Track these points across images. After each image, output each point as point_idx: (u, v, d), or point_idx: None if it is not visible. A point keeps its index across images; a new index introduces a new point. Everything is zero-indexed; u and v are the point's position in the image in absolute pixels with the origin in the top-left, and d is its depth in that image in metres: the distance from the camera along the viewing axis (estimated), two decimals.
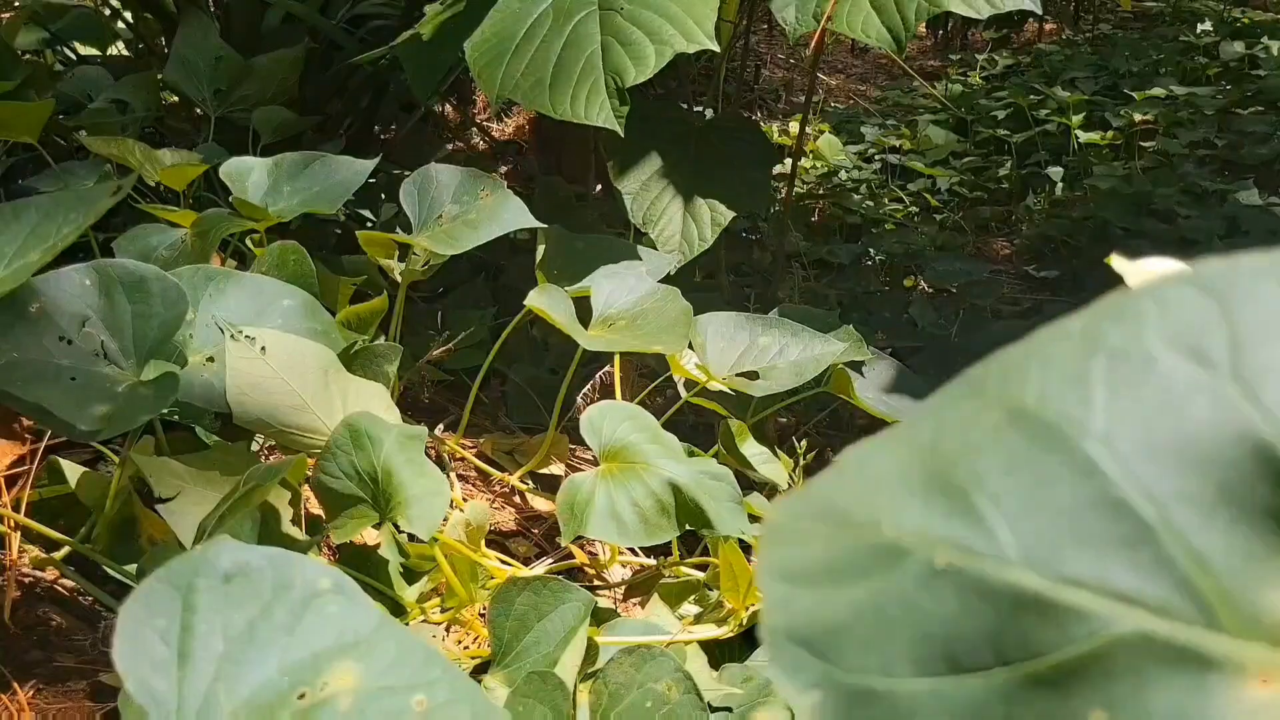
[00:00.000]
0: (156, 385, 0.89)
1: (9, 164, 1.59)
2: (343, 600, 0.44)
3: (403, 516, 0.92)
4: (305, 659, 0.43)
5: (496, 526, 1.23)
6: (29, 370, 0.87)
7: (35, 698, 0.89)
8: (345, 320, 1.21)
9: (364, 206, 1.75)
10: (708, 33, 1.25)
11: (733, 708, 0.90)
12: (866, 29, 1.35)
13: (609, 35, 1.26)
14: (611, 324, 1.21)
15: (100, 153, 1.40)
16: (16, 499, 1.00)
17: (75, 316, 0.91)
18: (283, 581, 0.44)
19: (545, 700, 0.80)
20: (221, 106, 1.65)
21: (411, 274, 1.29)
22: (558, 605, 0.89)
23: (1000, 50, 4.05)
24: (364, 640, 0.43)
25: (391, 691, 0.42)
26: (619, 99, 1.22)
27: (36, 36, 1.87)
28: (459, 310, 1.60)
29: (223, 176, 1.28)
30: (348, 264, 1.43)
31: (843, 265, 2.24)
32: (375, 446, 0.94)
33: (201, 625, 0.43)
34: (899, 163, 2.89)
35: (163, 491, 0.92)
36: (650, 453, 1.02)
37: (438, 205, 1.27)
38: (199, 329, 1.01)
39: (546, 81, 1.25)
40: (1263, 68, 3.13)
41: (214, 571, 0.45)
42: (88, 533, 0.99)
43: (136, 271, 0.94)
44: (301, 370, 1.00)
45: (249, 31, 1.81)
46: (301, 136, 1.71)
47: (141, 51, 2.03)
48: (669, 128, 1.61)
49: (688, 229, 1.50)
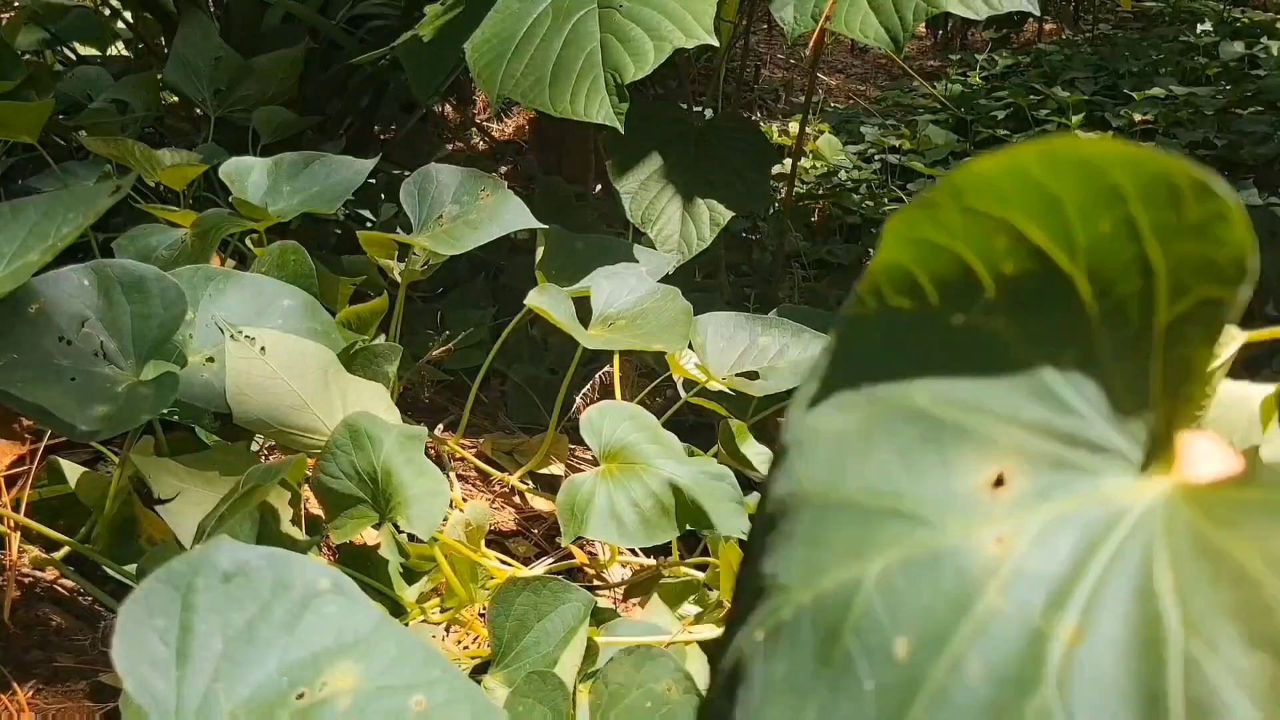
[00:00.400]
0: (156, 385, 0.89)
1: (9, 164, 1.59)
2: (342, 600, 0.44)
3: (402, 516, 0.92)
4: (304, 659, 0.43)
5: (496, 526, 1.23)
6: (29, 370, 0.87)
7: (35, 698, 0.89)
8: (345, 320, 1.21)
9: (364, 206, 1.75)
10: (707, 28, 1.25)
11: None
12: (865, 29, 1.35)
13: (608, 33, 1.26)
14: (611, 323, 1.21)
15: (100, 153, 1.40)
16: (16, 499, 1.00)
17: (75, 317, 0.91)
18: (282, 581, 0.44)
19: (545, 700, 0.80)
20: (221, 106, 1.65)
21: (411, 274, 1.29)
22: (557, 605, 0.89)
23: (1000, 50, 4.05)
24: (363, 640, 0.43)
25: (391, 691, 0.42)
26: (618, 96, 1.22)
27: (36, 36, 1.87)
28: (459, 310, 1.60)
29: (222, 176, 1.28)
30: (348, 264, 1.43)
31: (843, 265, 2.24)
32: (375, 446, 0.94)
33: (201, 625, 0.43)
34: (899, 163, 2.89)
35: (162, 492, 0.92)
36: (650, 453, 1.02)
37: (438, 205, 1.27)
38: (199, 329, 1.01)
39: (546, 80, 1.25)
40: (1262, 68, 3.13)
41: (213, 571, 0.44)
42: (87, 533, 0.99)
43: (136, 272, 0.94)
44: (301, 370, 1.00)
45: (249, 32, 1.81)
46: (301, 136, 1.71)
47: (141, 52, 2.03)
48: (668, 128, 1.61)
49: (686, 229, 1.50)
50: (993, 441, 0.27)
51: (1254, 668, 0.22)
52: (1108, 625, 0.24)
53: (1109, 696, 0.24)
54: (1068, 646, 0.24)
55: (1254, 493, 0.24)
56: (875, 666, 0.26)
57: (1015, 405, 0.27)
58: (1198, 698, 0.23)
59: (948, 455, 0.27)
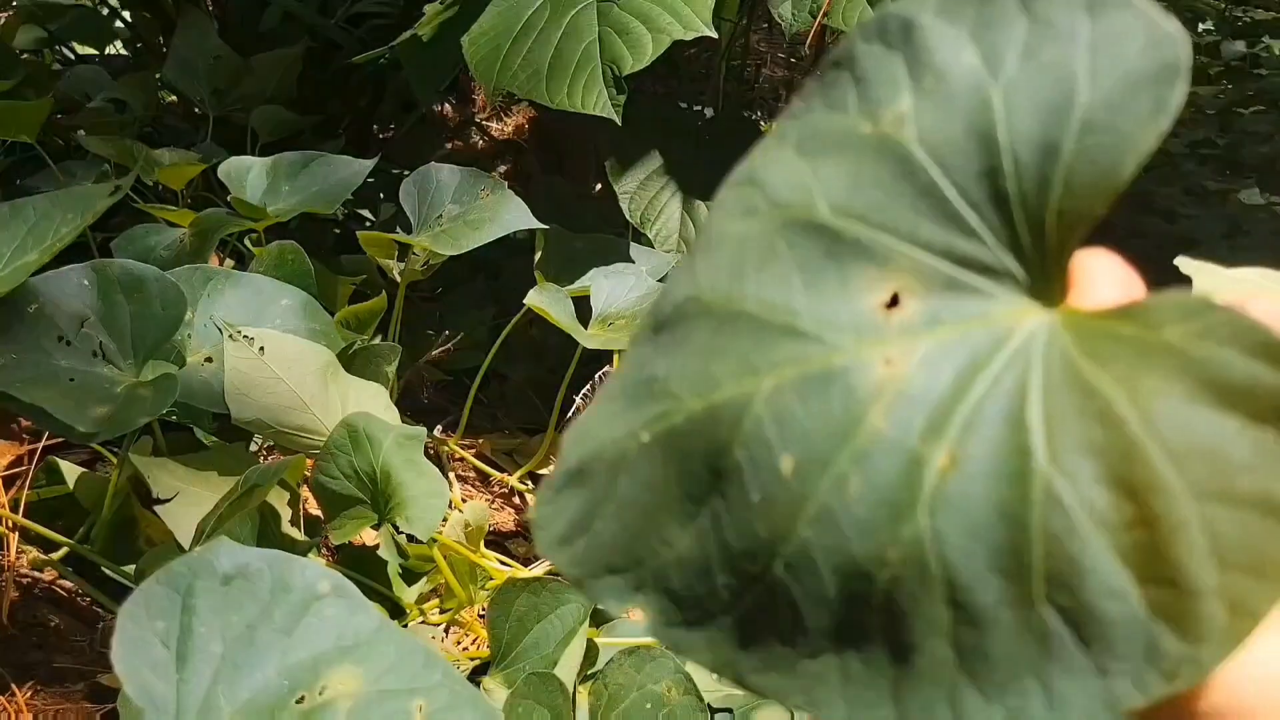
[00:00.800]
0: (155, 386, 0.88)
1: (7, 163, 1.59)
2: (342, 603, 0.44)
3: (401, 517, 0.92)
4: (304, 662, 0.43)
5: (496, 527, 1.23)
6: (27, 371, 0.87)
7: (34, 698, 0.89)
8: (344, 320, 1.21)
9: (363, 206, 1.74)
10: (705, 20, 1.25)
11: (733, 709, 0.90)
12: None
13: (606, 25, 1.25)
14: (611, 323, 1.21)
15: (98, 152, 1.40)
16: (15, 499, 0.99)
17: (74, 317, 0.91)
18: (282, 584, 0.44)
19: (545, 702, 0.80)
20: (220, 106, 1.65)
21: (411, 274, 1.29)
22: (557, 606, 0.88)
23: None
24: (364, 643, 0.43)
25: (392, 695, 0.42)
26: (616, 88, 1.22)
27: (35, 36, 1.86)
28: (458, 310, 1.60)
29: (221, 176, 1.28)
30: (347, 264, 1.43)
31: None
32: (374, 447, 0.93)
33: (201, 627, 0.43)
34: None
35: (161, 492, 0.92)
36: None
37: (438, 205, 1.26)
38: (197, 329, 1.01)
39: (543, 72, 1.24)
40: (1264, 67, 3.13)
41: (213, 573, 0.44)
42: (86, 533, 0.99)
43: (135, 272, 0.94)
44: (300, 370, 1.00)
45: (247, 31, 1.80)
46: (300, 136, 1.71)
47: (140, 51, 2.02)
48: (668, 127, 1.61)
49: (686, 228, 1.49)
50: (890, 260, 0.27)
51: (1110, 505, 0.23)
52: (979, 453, 0.24)
53: (976, 524, 0.24)
54: (941, 472, 0.24)
55: (1129, 328, 0.24)
56: (763, 481, 0.26)
57: (915, 223, 0.27)
58: (1055, 531, 0.23)
59: (847, 273, 0.27)
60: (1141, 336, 0.24)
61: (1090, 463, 0.23)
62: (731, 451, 0.26)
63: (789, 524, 0.25)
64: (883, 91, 0.28)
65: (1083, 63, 0.26)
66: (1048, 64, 0.26)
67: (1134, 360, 0.24)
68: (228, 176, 1.27)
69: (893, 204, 0.27)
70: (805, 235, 0.28)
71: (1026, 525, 0.23)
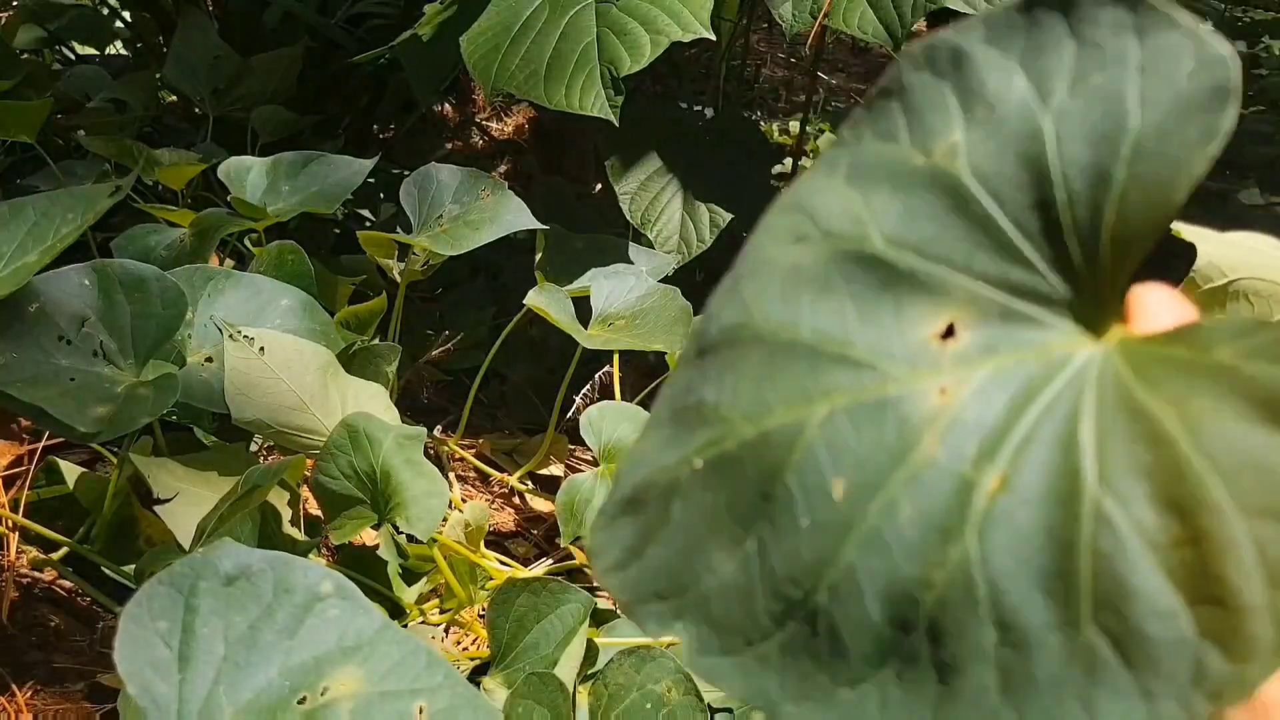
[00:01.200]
0: (156, 386, 0.88)
1: (7, 163, 1.59)
2: (344, 604, 0.44)
3: (401, 517, 0.92)
4: (306, 663, 0.43)
5: (496, 527, 1.23)
6: (28, 371, 0.87)
7: (33, 698, 0.89)
8: (344, 320, 1.21)
9: (363, 206, 1.74)
10: (704, 22, 1.25)
11: (733, 709, 0.90)
12: (863, 25, 1.35)
13: (604, 26, 1.25)
14: (611, 323, 1.21)
15: (99, 152, 1.40)
16: (15, 499, 0.99)
17: (74, 317, 0.91)
18: (284, 585, 0.44)
19: (545, 702, 0.80)
20: (220, 106, 1.65)
21: (411, 274, 1.29)
22: (557, 606, 0.88)
23: None
24: (365, 644, 0.43)
25: (393, 697, 0.42)
26: (614, 89, 1.22)
27: (35, 35, 1.86)
28: (458, 310, 1.60)
29: (221, 176, 1.28)
30: (347, 264, 1.43)
31: None
32: (374, 447, 0.93)
33: (203, 628, 0.43)
34: None
35: (161, 492, 0.92)
36: None
37: (438, 205, 1.26)
38: (197, 329, 1.01)
39: (541, 72, 1.24)
40: (1264, 67, 3.13)
41: (216, 574, 0.44)
42: (86, 533, 0.99)
43: (135, 271, 0.94)
44: (300, 370, 1.00)
45: (247, 30, 1.80)
46: (300, 136, 1.71)
47: (140, 51, 2.02)
48: (668, 127, 1.61)
49: (686, 229, 1.49)
50: (945, 292, 0.27)
51: (1159, 525, 0.23)
52: (1030, 475, 0.25)
53: (1025, 545, 0.24)
54: (991, 495, 0.25)
55: (1180, 350, 0.24)
56: (813, 505, 0.26)
57: (970, 255, 0.27)
58: (1105, 550, 0.23)
59: (902, 305, 0.27)
60: (1193, 358, 0.24)
61: (1140, 483, 0.23)
62: (782, 476, 0.27)
63: (836, 548, 0.26)
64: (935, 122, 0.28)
65: (1132, 87, 0.26)
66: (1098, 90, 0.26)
67: (1185, 381, 0.24)
68: (228, 176, 1.27)
69: (946, 235, 0.27)
70: (860, 267, 0.28)
71: (1075, 546, 0.24)
